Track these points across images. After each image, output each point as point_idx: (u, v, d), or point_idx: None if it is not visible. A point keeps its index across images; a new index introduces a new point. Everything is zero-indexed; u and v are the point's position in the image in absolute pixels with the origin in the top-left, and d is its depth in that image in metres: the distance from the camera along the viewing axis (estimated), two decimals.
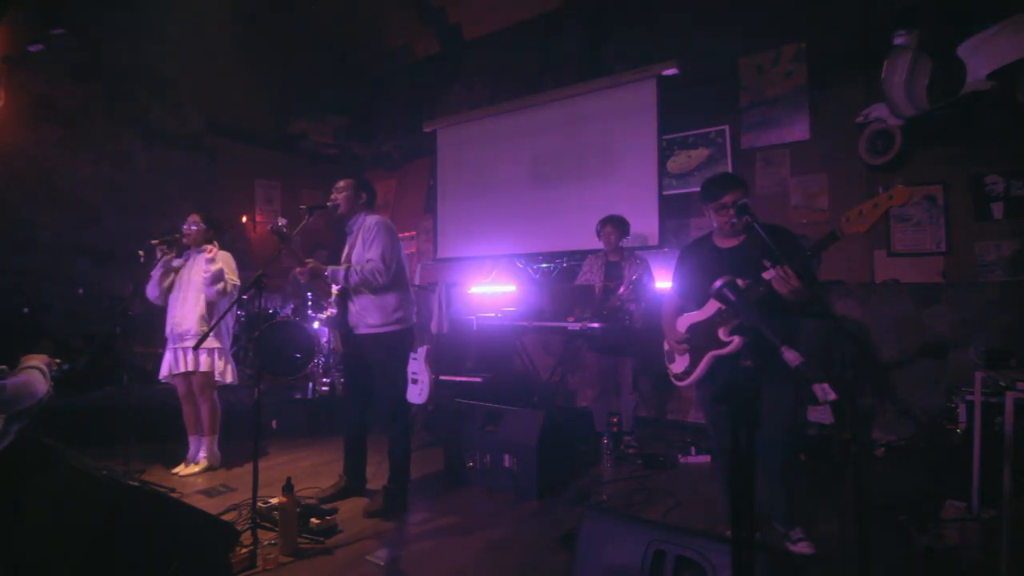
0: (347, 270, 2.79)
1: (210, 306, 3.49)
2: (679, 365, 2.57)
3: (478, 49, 6.31)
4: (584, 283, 4.08)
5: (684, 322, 2.52)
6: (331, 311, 2.94)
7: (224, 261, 3.53)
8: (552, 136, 5.38)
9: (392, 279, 2.88)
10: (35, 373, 1.81)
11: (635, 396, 4.05)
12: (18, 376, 1.78)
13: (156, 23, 5.55)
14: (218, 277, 3.38)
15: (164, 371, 3.52)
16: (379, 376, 2.93)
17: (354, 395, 3.09)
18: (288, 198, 6.77)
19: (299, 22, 6.58)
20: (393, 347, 2.90)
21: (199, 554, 1.96)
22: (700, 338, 2.43)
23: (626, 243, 4.12)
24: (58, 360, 1.92)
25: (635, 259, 4.00)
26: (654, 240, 4.65)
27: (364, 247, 2.88)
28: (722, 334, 2.31)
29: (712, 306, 2.36)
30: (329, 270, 2.78)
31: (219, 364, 3.50)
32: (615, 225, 3.99)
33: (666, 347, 2.67)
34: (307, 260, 2.81)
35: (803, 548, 2.42)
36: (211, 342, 3.43)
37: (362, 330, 2.90)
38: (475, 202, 5.92)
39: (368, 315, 2.87)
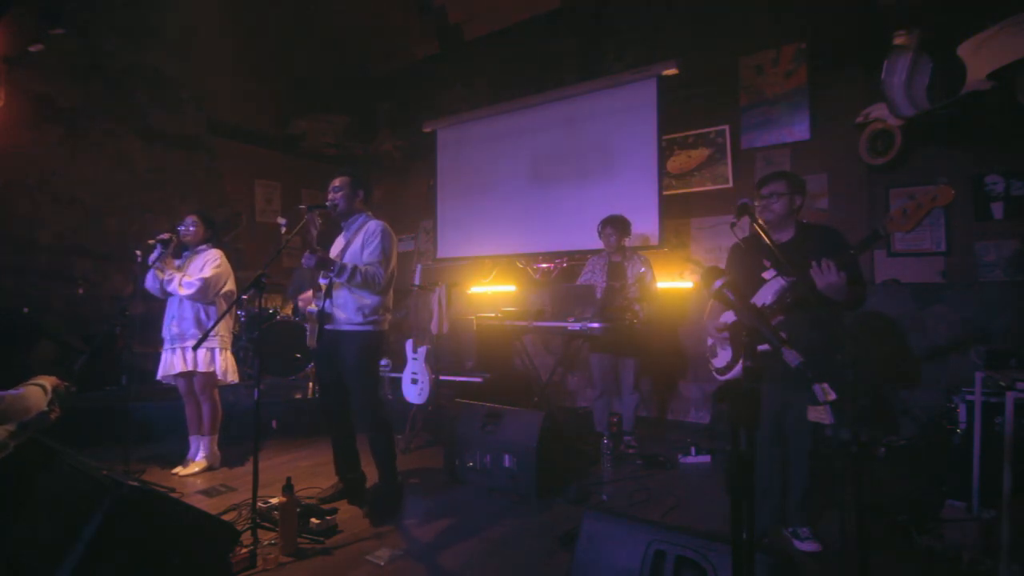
0: (353, 268, 2.80)
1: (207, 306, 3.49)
2: (721, 359, 2.62)
3: (478, 49, 6.31)
4: (586, 283, 4.09)
5: (729, 317, 2.55)
6: (313, 305, 2.94)
7: (219, 263, 3.52)
8: (552, 136, 5.38)
9: (385, 284, 2.93)
10: (35, 389, 1.80)
11: (636, 396, 4.05)
12: (16, 389, 1.77)
13: (156, 23, 5.55)
14: (203, 288, 3.40)
15: (161, 371, 3.51)
16: (352, 376, 2.92)
17: (327, 394, 3.09)
18: (288, 198, 6.77)
19: (299, 22, 6.58)
20: (364, 346, 2.90)
21: (199, 554, 1.96)
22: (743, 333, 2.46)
23: (626, 243, 4.11)
24: (66, 383, 1.91)
25: (638, 258, 4.00)
26: (654, 240, 4.65)
27: (364, 249, 2.90)
28: None
29: (756, 301, 2.38)
30: (337, 264, 2.78)
31: (220, 363, 3.50)
32: (615, 226, 3.99)
33: (709, 342, 2.71)
34: (317, 248, 2.82)
35: (811, 546, 2.47)
36: (211, 341, 3.44)
37: (338, 326, 2.91)
38: (475, 202, 5.92)
39: (348, 312, 2.89)
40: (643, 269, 3.90)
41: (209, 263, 3.47)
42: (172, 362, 3.46)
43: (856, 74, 4.20)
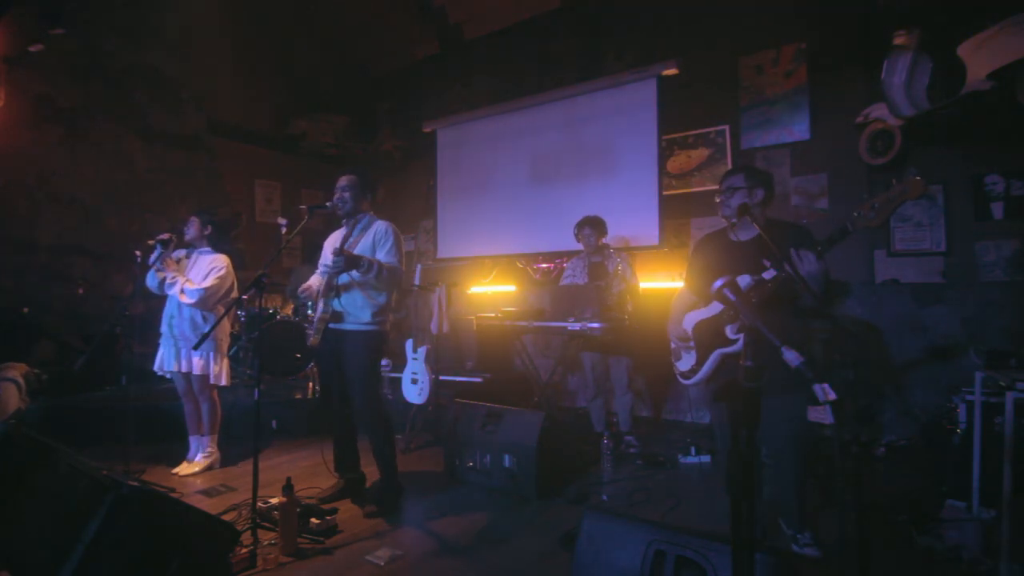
0: (379, 265, 2.79)
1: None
2: (685, 363, 2.55)
3: (478, 49, 6.31)
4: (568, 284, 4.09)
5: (691, 320, 2.50)
6: (321, 303, 2.92)
7: (224, 272, 3.49)
8: (552, 136, 5.37)
9: (401, 281, 3.01)
10: (10, 387, 1.81)
11: (630, 395, 4.04)
12: None
13: (156, 23, 5.56)
14: (204, 299, 3.37)
15: (158, 363, 3.50)
16: (355, 375, 2.93)
17: (330, 393, 3.09)
18: (288, 198, 6.77)
19: (299, 22, 6.58)
20: (369, 346, 2.92)
21: (199, 554, 1.96)
22: (707, 336, 2.40)
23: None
24: (36, 371, 1.93)
25: (616, 257, 4.00)
26: (654, 240, 4.64)
27: (377, 250, 2.91)
28: (729, 332, 2.30)
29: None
30: (365, 261, 2.76)
31: (214, 366, 3.48)
32: (593, 226, 4.00)
33: (672, 345, 2.64)
34: (345, 248, 2.80)
35: (809, 552, 2.37)
36: (209, 345, 3.41)
37: (343, 325, 2.91)
38: (475, 202, 5.91)
39: (357, 311, 2.90)
40: (622, 265, 3.90)
41: (214, 271, 3.44)
42: (168, 358, 3.47)
43: (856, 74, 4.20)
